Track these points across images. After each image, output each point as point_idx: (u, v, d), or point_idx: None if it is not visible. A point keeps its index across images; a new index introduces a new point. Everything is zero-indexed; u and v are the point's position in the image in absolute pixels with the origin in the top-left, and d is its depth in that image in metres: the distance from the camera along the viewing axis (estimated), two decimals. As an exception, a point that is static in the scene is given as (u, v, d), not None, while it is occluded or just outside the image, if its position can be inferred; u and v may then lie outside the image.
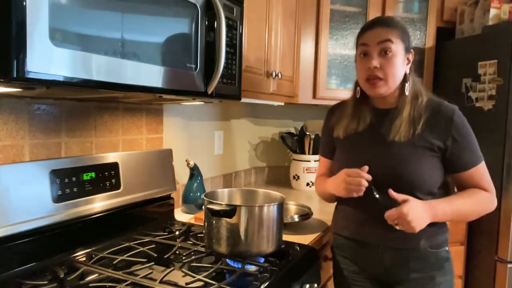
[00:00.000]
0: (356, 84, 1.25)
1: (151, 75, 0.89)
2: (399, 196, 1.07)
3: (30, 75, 0.64)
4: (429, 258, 1.16)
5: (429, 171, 1.13)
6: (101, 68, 0.77)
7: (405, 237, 1.12)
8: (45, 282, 0.92)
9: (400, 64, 1.14)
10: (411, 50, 1.19)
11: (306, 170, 2.21)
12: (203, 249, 1.15)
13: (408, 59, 1.17)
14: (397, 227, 1.07)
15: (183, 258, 1.12)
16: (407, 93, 1.16)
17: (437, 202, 1.11)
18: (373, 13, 2.05)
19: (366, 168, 1.11)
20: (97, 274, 0.97)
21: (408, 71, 1.17)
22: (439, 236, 1.17)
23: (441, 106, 1.15)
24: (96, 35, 0.76)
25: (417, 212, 1.05)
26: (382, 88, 1.14)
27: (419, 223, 1.05)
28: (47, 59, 0.67)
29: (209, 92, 1.08)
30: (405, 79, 1.17)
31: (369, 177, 1.09)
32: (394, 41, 1.12)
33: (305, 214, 1.51)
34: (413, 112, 1.15)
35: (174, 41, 0.96)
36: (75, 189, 1.10)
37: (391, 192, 1.07)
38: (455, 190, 1.22)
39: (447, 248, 1.20)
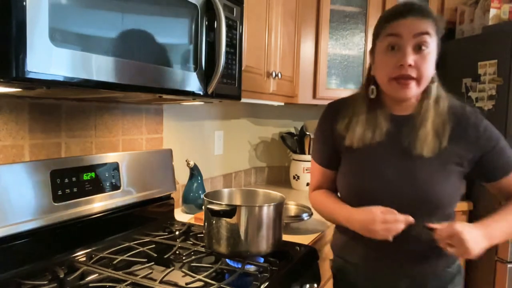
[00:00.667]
0: (369, 82, 1.08)
1: (151, 75, 0.89)
2: (442, 226, 0.94)
3: (30, 75, 0.64)
4: (445, 276, 1.07)
5: (456, 190, 1.03)
6: (101, 68, 0.77)
7: (424, 261, 1.03)
8: (45, 282, 0.92)
9: (433, 63, 0.99)
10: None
11: (306, 170, 2.21)
12: (203, 249, 1.15)
13: (437, 56, 1.00)
14: (449, 250, 0.92)
15: (183, 258, 1.12)
16: (432, 96, 1.02)
17: (489, 222, 0.98)
18: (373, 13, 2.05)
19: (408, 218, 0.95)
20: (97, 274, 0.97)
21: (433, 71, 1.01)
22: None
23: (464, 114, 1.02)
24: (96, 35, 0.76)
25: (472, 232, 0.91)
26: (413, 90, 0.98)
27: (476, 244, 0.90)
28: (47, 59, 0.67)
29: (209, 92, 1.08)
30: (432, 80, 1.01)
31: (411, 220, 0.94)
32: (431, 34, 0.96)
33: (305, 214, 1.51)
34: (436, 120, 1.00)
35: (174, 41, 0.96)
36: (75, 189, 1.10)
37: (434, 226, 0.94)
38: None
39: (458, 262, 1.11)
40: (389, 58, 0.98)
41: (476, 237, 0.91)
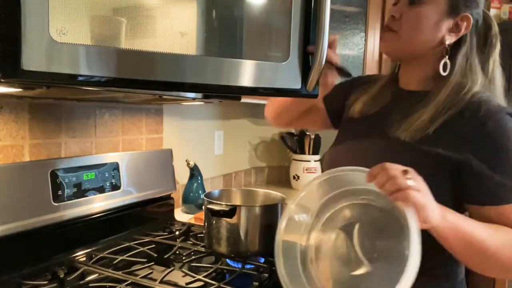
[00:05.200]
0: None
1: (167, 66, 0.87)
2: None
3: (30, 75, 0.64)
4: None
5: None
6: (105, 65, 0.76)
7: None
8: (45, 282, 0.92)
9: (430, 22, 0.82)
10: (467, 14, 0.81)
11: (306, 170, 2.21)
12: (203, 249, 1.15)
13: (456, 24, 0.82)
14: (396, 198, 0.63)
15: (183, 258, 1.12)
16: (443, 72, 0.82)
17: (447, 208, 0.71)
18: (373, 13, 2.05)
19: None
20: (97, 274, 0.97)
21: (450, 42, 0.82)
22: None
23: (480, 106, 0.76)
24: (100, 31, 0.75)
25: (422, 179, 0.66)
26: (389, 44, 0.87)
27: (427, 191, 0.65)
28: (48, 58, 0.66)
29: (309, 89, 0.79)
30: (443, 53, 0.83)
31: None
32: None
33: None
34: (445, 106, 0.79)
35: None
36: (75, 189, 1.10)
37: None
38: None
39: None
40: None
41: (424, 188, 0.65)
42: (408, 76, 0.91)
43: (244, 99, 1.44)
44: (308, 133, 2.23)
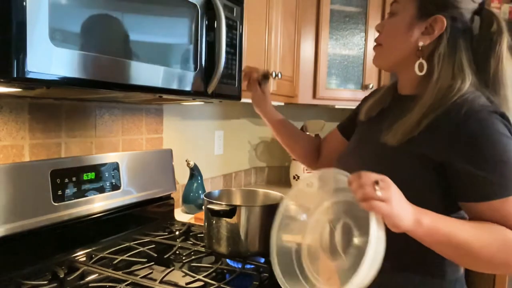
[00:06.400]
0: None
1: (151, 75, 0.89)
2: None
3: (30, 75, 0.64)
4: None
5: (407, 190, 0.70)
6: (101, 68, 0.77)
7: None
8: (45, 282, 0.92)
9: (402, 28, 0.86)
10: (439, 16, 0.82)
11: (306, 170, 2.21)
12: (203, 249, 1.16)
13: (428, 27, 0.83)
14: (363, 207, 0.66)
15: (183, 258, 1.12)
16: (419, 72, 0.84)
17: (426, 210, 0.71)
18: (373, 13, 2.05)
19: None
20: (97, 274, 0.97)
21: (424, 44, 0.84)
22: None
23: (463, 106, 0.76)
24: (96, 35, 0.76)
25: (394, 189, 0.67)
26: (377, 57, 0.93)
27: (397, 200, 0.66)
28: (47, 59, 0.67)
29: (209, 92, 1.08)
30: (418, 54, 0.85)
31: None
32: (399, 1, 0.88)
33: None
34: (432, 109, 0.79)
35: (174, 41, 0.96)
36: (75, 189, 1.10)
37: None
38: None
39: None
40: None
41: (398, 195, 0.67)
42: (401, 81, 0.94)
43: (244, 99, 1.44)
44: (308, 133, 2.23)
